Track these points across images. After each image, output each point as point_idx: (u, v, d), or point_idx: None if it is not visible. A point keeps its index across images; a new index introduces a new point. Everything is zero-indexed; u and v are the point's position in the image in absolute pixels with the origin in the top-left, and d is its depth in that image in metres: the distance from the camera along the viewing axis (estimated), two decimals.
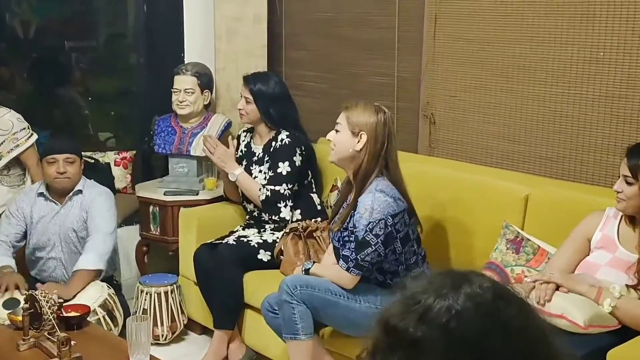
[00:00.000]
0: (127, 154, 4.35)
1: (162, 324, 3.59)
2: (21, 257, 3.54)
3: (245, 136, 3.77)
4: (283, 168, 3.50)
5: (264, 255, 3.45)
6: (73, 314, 2.85)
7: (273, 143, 3.58)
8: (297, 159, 3.54)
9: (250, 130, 3.76)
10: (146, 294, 3.57)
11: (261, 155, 3.63)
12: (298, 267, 3.10)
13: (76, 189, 3.45)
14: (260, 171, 3.61)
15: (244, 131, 3.80)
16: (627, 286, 2.50)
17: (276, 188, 3.48)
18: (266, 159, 3.59)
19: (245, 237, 3.50)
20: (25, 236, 3.50)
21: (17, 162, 3.84)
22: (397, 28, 3.72)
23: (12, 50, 4.41)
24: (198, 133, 3.98)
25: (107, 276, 3.44)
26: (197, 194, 3.94)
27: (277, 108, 3.59)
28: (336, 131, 2.88)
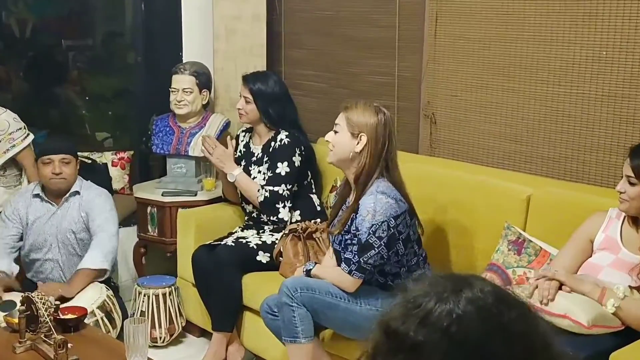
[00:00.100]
0: (125, 154, 4.34)
1: (160, 326, 3.58)
2: (16, 259, 3.51)
3: (244, 136, 3.76)
4: (282, 168, 3.49)
5: (263, 256, 3.44)
6: (70, 316, 2.84)
7: (272, 143, 3.57)
8: (297, 160, 3.52)
9: (249, 130, 3.75)
10: (144, 296, 3.57)
11: (260, 155, 3.62)
12: (299, 268, 3.09)
13: (73, 190, 3.43)
14: (259, 171, 3.60)
15: (243, 131, 3.79)
16: (631, 287, 2.49)
17: (275, 189, 3.47)
18: (265, 159, 3.58)
19: (244, 239, 3.49)
20: (22, 238, 3.48)
21: (14, 163, 3.83)
22: (398, 27, 3.71)
23: (8, 49, 4.40)
24: (196, 133, 3.97)
25: (105, 278, 3.42)
26: (196, 195, 3.93)
27: (277, 108, 3.58)
28: (335, 132, 2.86)
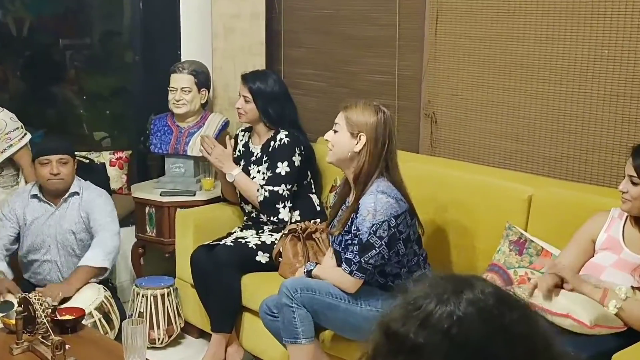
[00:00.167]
0: (123, 154, 4.33)
1: (159, 327, 3.57)
2: (14, 260, 3.52)
3: (243, 136, 3.75)
4: (282, 168, 3.48)
5: (262, 257, 3.43)
6: (67, 317, 2.84)
7: (272, 143, 3.56)
8: (296, 159, 3.51)
9: (248, 129, 3.75)
10: (142, 297, 3.56)
11: (259, 155, 3.61)
12: (300, 269, 3.08)
13: (72, 191, 3.43)
14: (258, 171, 3.59)
15: (242, 131, 3.79)
16: (633, 288, 2.49)
17: (275, 189, 3.46)
18: (265, 159, 3.57)
19: (243, 239, 3.48)
20: (18, 239, 3.48)
21: (11, 163, 3.82)
22: (398, 25, 3.70)
23: (5, 48, 4.39)
24: (195, 132, 3.96)
25: (103, 278, 3.42)
26: (194, 195, 3.92)
27: (276, 107, 3.57)
28: (334, 131, 2.85)
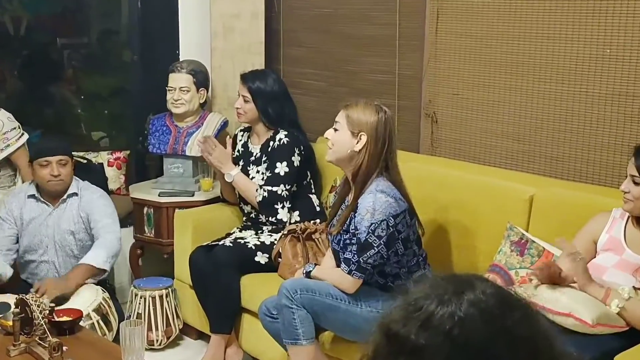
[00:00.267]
0: (121, 154, 4.32)
1: (157, 329, 3.56)
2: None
3: (242, 136, 3.74)
4: (281, 168, 3.47)
5: (262, 257, 3.42)
6: (65, 319, 2.83)
7: (271, 143, 3.55)
8: (296, 159, 3.50)
9: (247, 129, 3.74)
10: (140, 298, 3.55)
11: (259, 155, 3.60)
12: (299, 270, 3.06)
13: (71, 192, 3.42)
14: (257, 172, 3.58)
15: (241, 130, 3.78)
16: (635, 288, 2.49)
17: (273, 189, 3.45)
18: (264, 159, 3.56)
19: (242, 239, 3.47)
20: (18, 240, 3.45)
21: (8, 163, 3.83)
22: (398, 24, 3.70)
23: (2, 47, 4.40)
24: (193, 132, 3.95)
25: (101, 279, 3.39)
26: (193, 195, 3.91)
27: (276, 107, 3.56)
28: (335, 130, 2.85)
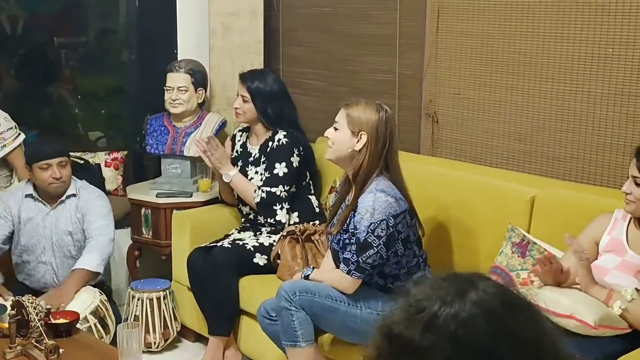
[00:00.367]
0: (118, 155, 4.32)
1: (155, 331, 3.55)
2: (7, 262, 3.49)
3: (240, 136, 3.73)
4: (280, 169, 3.46)
5: (260, 259, 3.41)
6: (62, 321, 2.82)
7: (270, 143, 3.53)
8: (295, 160, 3.49)
9: (246, 129, 3.74)
10: (138, 300, 3.54)
11: (257, 155, 3.59)
12: (297, 274, 3.05)
13: (70, 193, 3.42)
14: (256, 172, 3.57)
15: (240, 131, 3.78)
16: (638, 290, 2.48)
17: (272, 190, 3.44)
18: (262, 160, 3.55)
19: (240, 241, 3.46)
20: (11, 238, 3.46)
21: (4, 163, 3.83)
22: (399, 23, 3.70)
23: None
24: (192, 133, 3.94)
25: (97, 281, 3.40)
26: (191, 196, 3.90)
27: (275, 107, 3.55)
28: (335, 129, 2.85)
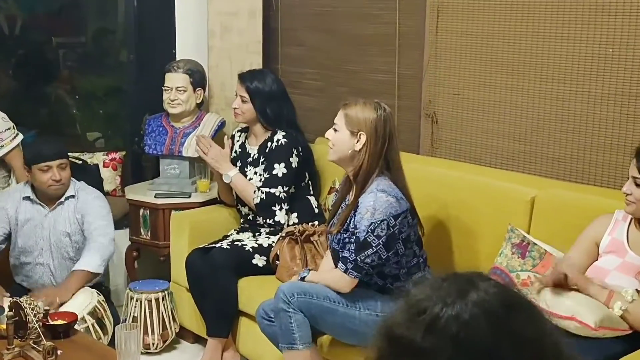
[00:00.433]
0: (117, 155, 4.31)
1: (153, 332, 3.54)
2: (4, 263, 3.48)
3: (239, 136, 3.73)
4: (279, 170, 3.45)
5: (259, 260, 3.40)
6: (60, 322, 2.81)
7: (269, 143, 3.53)
8: (294, 160, 3.48)
9: (244, 130, 3.73)
10: (136, 301, 3.53)
11: (256, 156, 3.58)
12: (295, 277, 3.04)
13: (69, 194, 3.41)
14: (255, 173, 3.56)
15: (239, 131, 3.77)
16: (638, 291, 2.47)
17: (271, 190, 3.43)
18: (261, 160, 3.54)
19: (239, 242, 3.45)
20: (7, 239, 3.45)
21: (2, 164, 3.82)
22: (398, 23, 3.69)
23: None
24: (190, 133, 3.94)
25: (96, 282, 3.38)
26: (190, 197, 3.89)
27: (274, 107, 3.55)
28: (335, 130, 2.85)
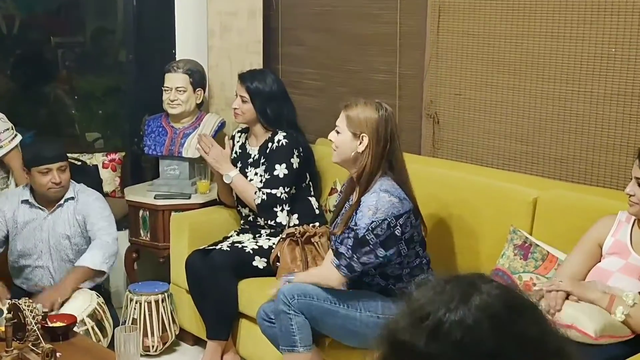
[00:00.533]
0: (116, 156, 4.30)
1: (153, 335, 3.54)
2: (3, 265, 3.47)
3: (239, 137, 3.72)
4: (280, 170, 3.44)
5: (260, 261, 3.39)
6: (59, 324, 2.81)
7: (269, 144, 3.52)
8: (295, 161, 3.47)
9: (245, 130, 3.72)
10: (136, 303, 3.52)
11: (257, 156, 3.57)
12: (276, 288, 2.89)
13: (68, 196, 3.40)
14: (255, 174, 3.55)
15: (239, 131, 3.76)
16: None
17: (272, 191, 3.42)
18: (262, 161, 3.54)
19: (239, 243, 3.45)
20: (4, 242, 3.43)
21: (0, 165, 3.80)
22: (399, 22, 3.68)
23: None
24: (190, 133, 3.93)
25: (96, 284, 3.37)
26: (189, 198, 3.89)
27: (274, 107, 3.54)
28: (337, 132, 2.85)
